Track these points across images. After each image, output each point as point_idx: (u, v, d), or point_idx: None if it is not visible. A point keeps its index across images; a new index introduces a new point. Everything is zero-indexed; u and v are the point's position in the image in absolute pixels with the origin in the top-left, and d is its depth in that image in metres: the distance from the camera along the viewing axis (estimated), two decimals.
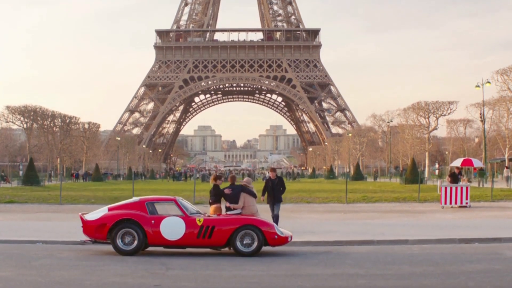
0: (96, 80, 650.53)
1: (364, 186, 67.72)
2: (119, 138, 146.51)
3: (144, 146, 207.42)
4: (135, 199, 17.98)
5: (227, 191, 19.04)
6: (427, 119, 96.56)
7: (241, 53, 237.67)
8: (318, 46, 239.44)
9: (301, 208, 34.02)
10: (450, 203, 31.70)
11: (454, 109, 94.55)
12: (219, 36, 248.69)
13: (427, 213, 29.63)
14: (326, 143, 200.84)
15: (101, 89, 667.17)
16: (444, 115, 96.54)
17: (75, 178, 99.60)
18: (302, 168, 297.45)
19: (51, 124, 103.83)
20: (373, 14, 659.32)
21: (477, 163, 37.87)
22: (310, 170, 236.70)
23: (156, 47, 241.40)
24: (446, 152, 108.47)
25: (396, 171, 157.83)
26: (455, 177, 32.47)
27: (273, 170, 22.52)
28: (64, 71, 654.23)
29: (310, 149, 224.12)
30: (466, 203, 31.71)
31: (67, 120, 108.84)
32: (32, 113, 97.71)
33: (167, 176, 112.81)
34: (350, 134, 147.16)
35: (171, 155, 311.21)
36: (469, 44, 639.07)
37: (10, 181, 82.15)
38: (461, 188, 31.65)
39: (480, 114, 70.60)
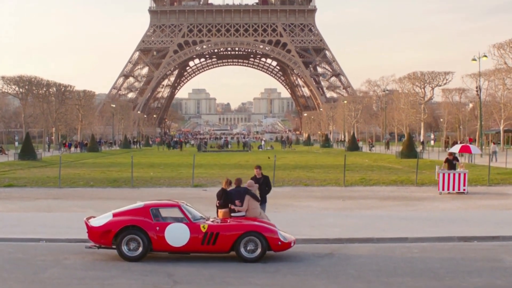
0: (90, 44, 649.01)
1: (360, 160, 68.00)
2: (114, 105, 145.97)
3: (139, 112, 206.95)
4: (139, 204, 18.08)
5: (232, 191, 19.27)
6: (422, 89, 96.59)
7: (236, 17, 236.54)
8: (313, 10, 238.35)
9: (300, 192, 34.28)
10: (448, 189, 31.94)
11: (450, 80, 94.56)
12: (214, 0, 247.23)
13: (425, 201, 29.88)
14: (321, 109, 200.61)
15: (95, 54, 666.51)
16: (440, 85, 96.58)
17: (68, 147, 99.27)
18: (297, 132, 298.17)
19: (46, 93, 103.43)
20: None
21: (475, 150, 37.93)
22: (305, 135, 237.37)
23: (151, 11, 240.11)
24: (441, 120, 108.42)
25: (391, 137, 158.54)
26: (451, 164, 32.63)
27: (258, 167, 21.73)
28: (56, 37, 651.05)
29: (305, 114, 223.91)
30: (464, 190, 31.95)
31: (62, 89, 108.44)
32: (27, 83, 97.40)
33: (162, 143, 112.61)
34: (345, 101, 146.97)
35: (166, 119, 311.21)
36: (464, 7, 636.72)
37: (6, 153, 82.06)
38: (459, 174, 31.86)
39: (476, 87, 70.64)
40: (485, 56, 66.06)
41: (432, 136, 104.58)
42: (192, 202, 22.44)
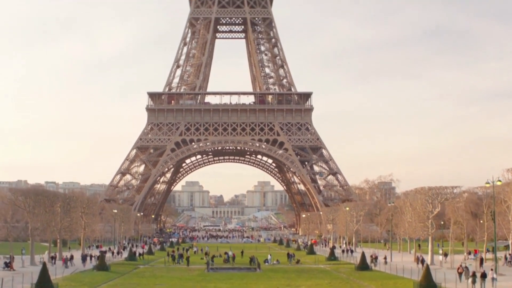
0: (88, 135, 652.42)
1: (375, 286, 67.68)
2: (115, 211, 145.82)
3: (138, 214, 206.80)
4: None
5: None
6: (430, 203, 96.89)
7: (233, 116, 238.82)
8: (310, 110, 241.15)
9: None
10: None
11: (458, 193, 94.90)
12: (211, 98, 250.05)
13: None
14: (320, 212, 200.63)
15: (90, 140, 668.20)
16: (448, 199, 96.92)
17: (64, 263, 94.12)
18: (293, 229, 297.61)
19: (52, 205, 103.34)
20: (359, 67, 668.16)
21: None
22: (300, 232, 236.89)
23: (148, 109, 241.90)
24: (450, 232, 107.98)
25: (387, 235, 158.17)
26: None
27: None
28: (53, 122, 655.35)
29: (304, 215, 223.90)
30: None
31: (68, 200, 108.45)
32: (33, 194, 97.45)
33: (168, 255, 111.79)
34: (347, 208, 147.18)
35: (161, 214, 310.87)
36: (453, 95, 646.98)
37: (15, 268, 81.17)
38: None
39: (491, 212, 70.91)
40: (499, 181, 66.77)
41: (441, 252, 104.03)
42: None
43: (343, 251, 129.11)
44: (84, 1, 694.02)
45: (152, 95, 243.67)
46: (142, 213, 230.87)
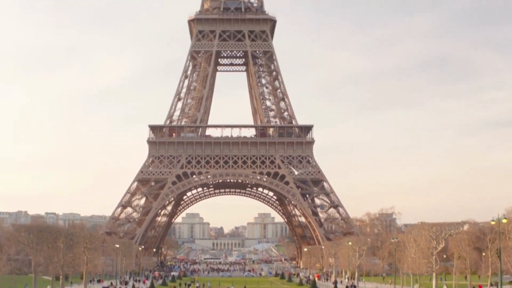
0: (86, 162, 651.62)
1: None
2: (117, 245, 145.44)
3: (139, 249, 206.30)
4: None
5: None
6: (434, 239, 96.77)
7: (234, 149, 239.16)
8: (311, 142, 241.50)
9: None
10: None
11: (461, 229, 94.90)
12: (212, 131, 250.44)
13: None
14: (322, 247, 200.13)
15: (90, 170, 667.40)
16: (452, 235, 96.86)
17: None
18: (294, 262, 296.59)
19: (55, 241, 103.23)
20: (359, 97, 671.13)
21: None
22: (302, 266, 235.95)
23: (150, 142, 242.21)
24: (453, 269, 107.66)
25: (389, 268, 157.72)
26: None
27: None
28: (53, 152, 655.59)
29: (305, 249, 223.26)
30: None
31: (70, 235, 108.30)
32: (37, 231, 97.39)
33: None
34: (350, 243, 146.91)
35: (162, 247, 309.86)
36: (454, 124, 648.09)
37: None
38: None
39: (496, 249, 70.90)
40: (505, 218, 66.86)
41: (445, 286, 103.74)
42: None
43: (346, 286, 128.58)
44: (85, 31, 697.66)
45: (153, 128, 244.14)
46: (143, 246, 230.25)
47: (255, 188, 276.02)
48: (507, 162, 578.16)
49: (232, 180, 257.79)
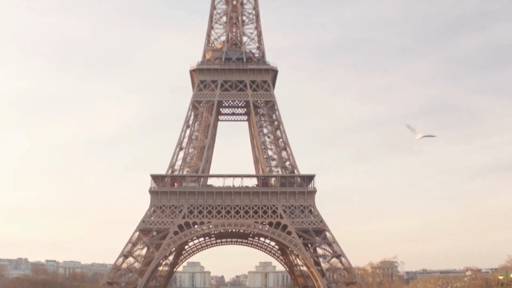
0: (87, 209, 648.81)
1: None
2: None
3: None
4: None
5: None
6: None
7: (236, 199, 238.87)
8: (313, 192, 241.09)
9: None
10: None
11: (466, 280, 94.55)
12: (214, 180, 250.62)
13: None
14: None
15: (90, 218, 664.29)
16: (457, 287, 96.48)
17: None
18: None
19: None
20: (360, 144, 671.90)
21: None
22: None
23: (151, 191, 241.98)
24: None
25: None
26: None
27: None
28: (53, 199, 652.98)
29: None
30: None
31: None
32: (42, 285, 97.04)
33: None
34: None
35: None
36: (456, 169, 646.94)
37: None
38: None
39: None
40: None
41: None
42: None
43: None
44: (88, 77, 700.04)
45: (155, 177, 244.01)
46: None
47: (257, 238, 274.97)
48: (509, 206, 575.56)
49: (234, 230, 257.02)
